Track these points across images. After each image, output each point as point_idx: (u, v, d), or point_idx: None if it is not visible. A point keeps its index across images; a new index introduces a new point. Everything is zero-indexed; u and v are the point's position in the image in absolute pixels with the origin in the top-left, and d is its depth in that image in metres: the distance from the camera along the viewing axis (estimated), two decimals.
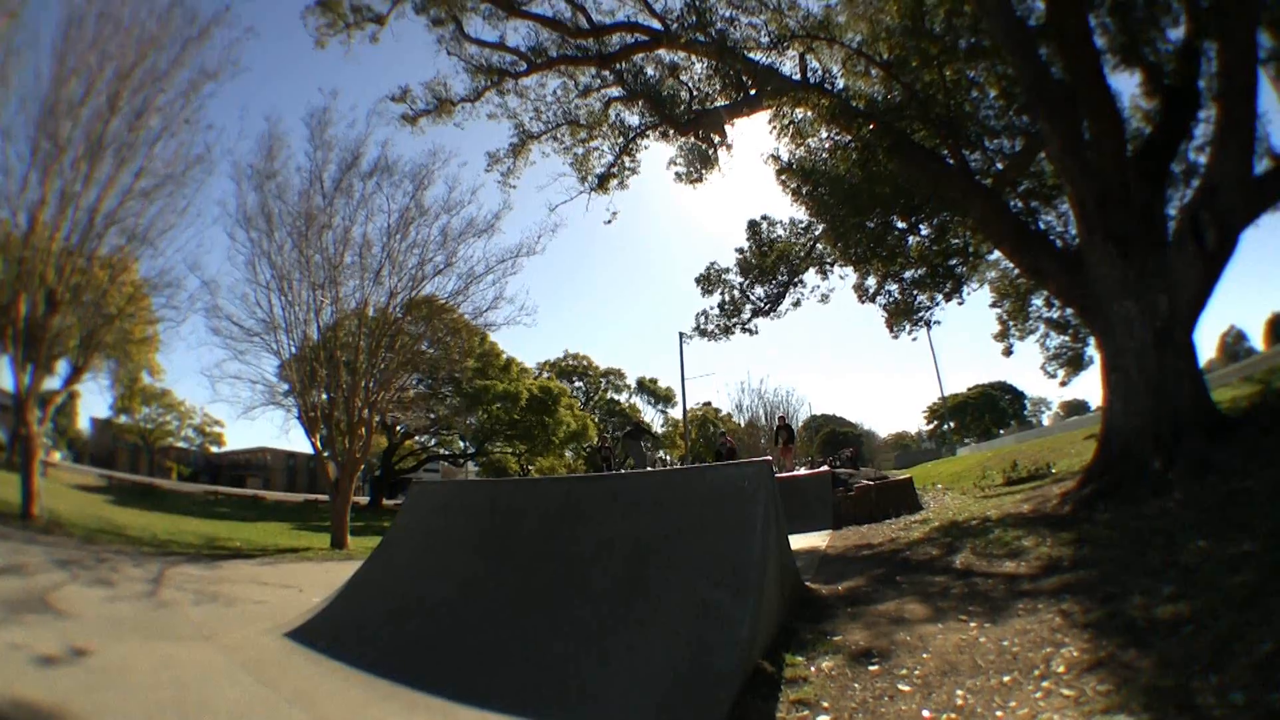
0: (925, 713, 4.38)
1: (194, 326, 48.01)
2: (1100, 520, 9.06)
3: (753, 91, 17.03)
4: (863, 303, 20.74)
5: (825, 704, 4.85)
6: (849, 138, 15.56)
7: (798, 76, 16.36)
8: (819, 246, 20.22)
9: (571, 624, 6.69)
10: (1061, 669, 4.57)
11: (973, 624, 6.00)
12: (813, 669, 5.56)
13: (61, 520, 16.55)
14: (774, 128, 17.37)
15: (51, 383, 18.59)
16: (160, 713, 5.33)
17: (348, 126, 30.36)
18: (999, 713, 4.17)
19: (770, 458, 13.24)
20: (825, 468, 20.19)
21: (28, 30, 17.12)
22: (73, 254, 17.15)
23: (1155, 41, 13.72)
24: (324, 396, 22.37)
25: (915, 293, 19.94)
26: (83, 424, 73.10)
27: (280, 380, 22.87)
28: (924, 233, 18.82)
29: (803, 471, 21.20)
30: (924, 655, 5.41)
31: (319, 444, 22.25)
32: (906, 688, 4.84)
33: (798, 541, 12.15)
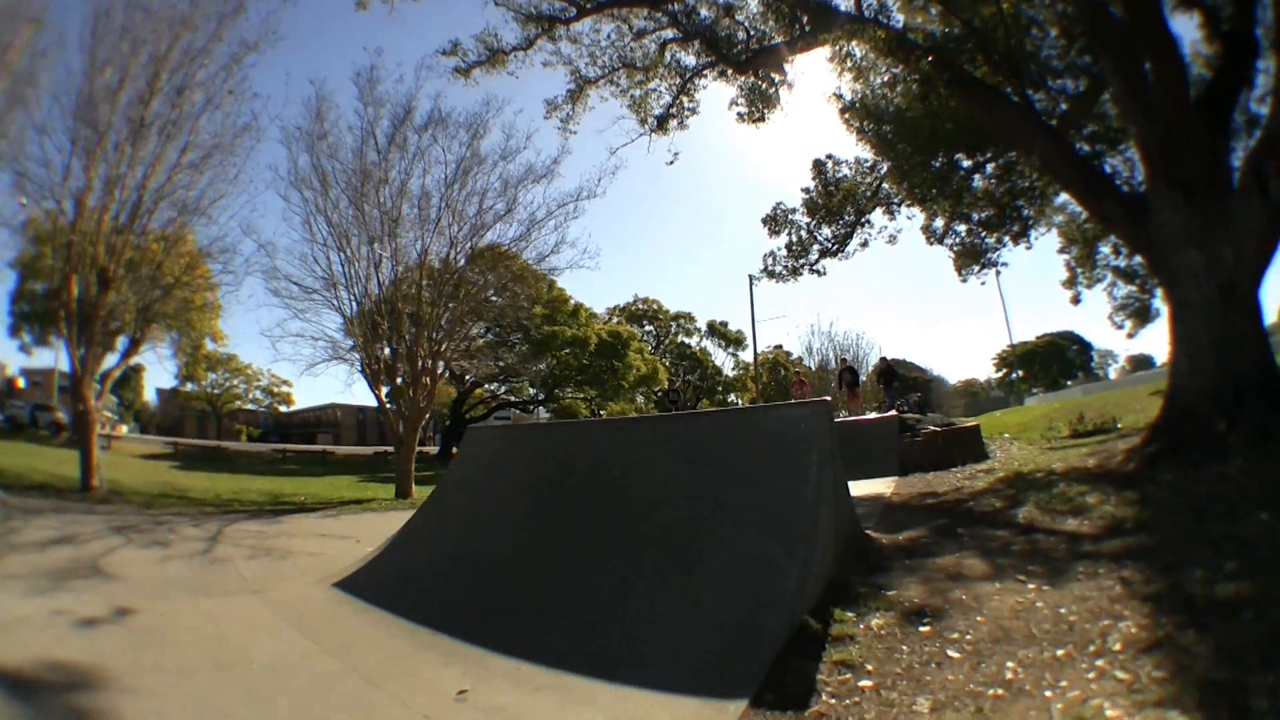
0: (971, 686, 4.12)
1: (252, 290, 49.31)
2: (1163, 481, 8.69)
3: (808, 28, 16.41)
4: (930, 244, 20.74)
5: (869, 667, 4.63)
6: (907, 72, 15.02)
7: (853, 11, 15.75)
8: (885, 186, 20.05)
9: (616, 576, 6.60)
10: (1118, 647, 4.25)
11: (1031, 585, 5.70)
12: (861, 626, 5.34)
13: (122, 489, 17.05)
14: (835, 65, 17.02)
15: (112, 360, 19.25)
16: (197, 667, 5.47)
17: (396, 82, 30.43)
18: (1048, 693, 3.88)
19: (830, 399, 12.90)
20: (893, 413, 19.79)
21: (53, 31, 17.81)
22: (122, 232, 17.60)
23: None
24: (386, 350, 22.63)
25: (982, 234, 19.76)
26: (149, 396, 75.80)
27: (344, 336, 23.05)
28: (989, 171, 18.41)
29: (870, 416, 20.89)
30: (978, 618, 5.15)
31: (383, 397, 22.54)
32: (956, 654, 4.59)
33: (863, 488, 12.14)
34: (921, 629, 5.13)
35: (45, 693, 4.88)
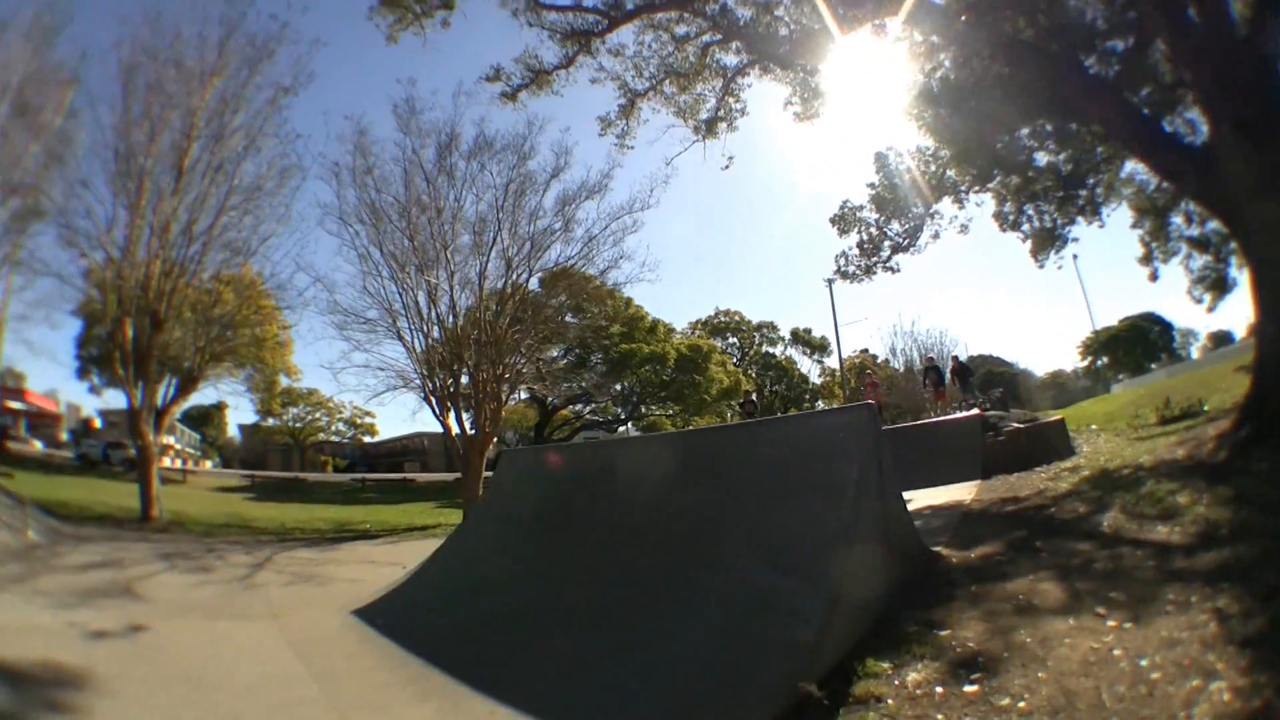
0: None
1: (310, 324, 50.49)
2: (1258, 471, 7.54)
3: (842, 10, 15.52)
4: (1004, 231, 19.70)
5: None
6: (946, 40, 14.13)
7: None
8: (949, 173, 18.93)
9: (611, 614, 6.18)
10: None
11: (1111, 622, 4.55)
12: (895, 683, 4.35)
13: (184, 520, 17.33)
14: (880, 45, 16.33)
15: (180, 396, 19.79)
16: (178, 680, 5.75)
17: (435, 110, 30.63)
18: None
19: (872, 402, 11.89)
20: (975, 411, 18.56)
21: (83, 90, 18.15)
22: (170, 275, 17.88)
23: None
24: (449, 378, 22.41)
25: (1053, 212, 18.72)
26: (233, 432, 78.24)
27: (411, 364, 22.87)
28: (1051, 147, 17.33)
29: (952, 416, 19.72)
30: (1040, 674, 4.04)
31: (450, 423, 22.34)
32: None
33: (942, 495, 11.65)
34: (967, 688, 4.07)
35: (29, 685, 5.22)
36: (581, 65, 19.23)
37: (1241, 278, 10.25)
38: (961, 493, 11.82)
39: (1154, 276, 22.11)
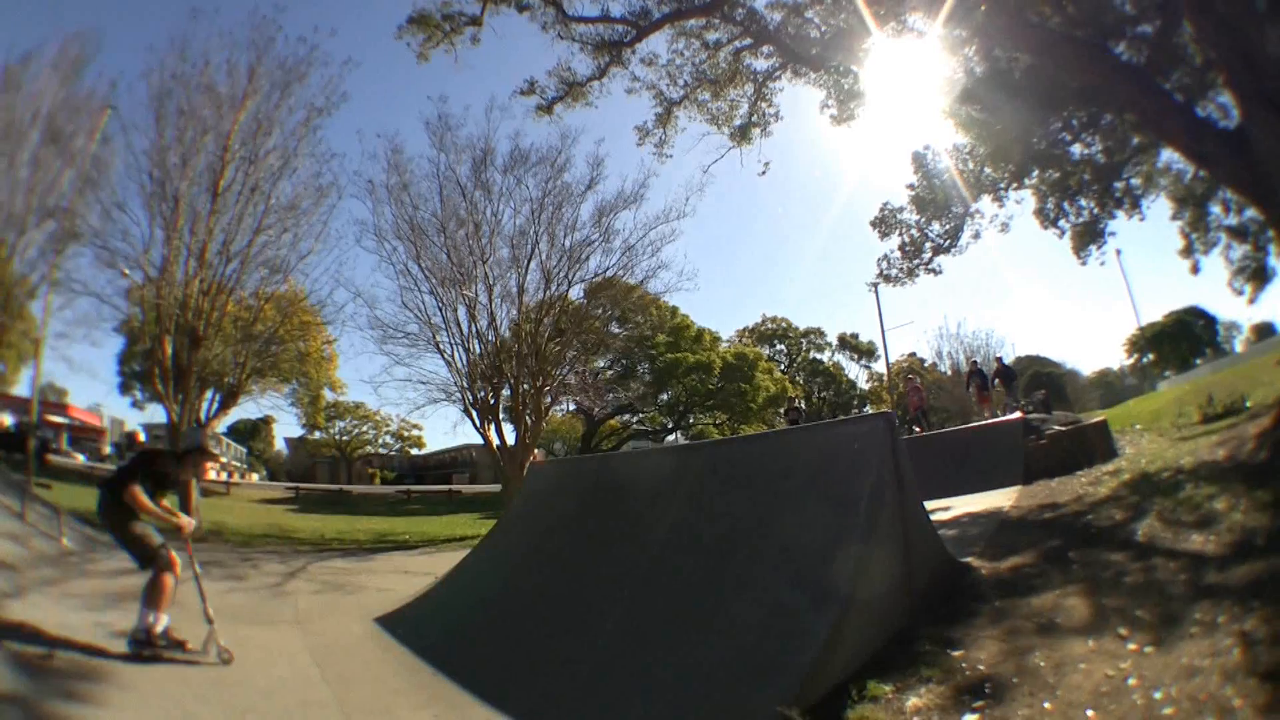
0: None
1: (351, 339, 50.71)
2: None
3: (872, 7, 15.25)
4: (1045, 228, 19.21)
5: None
6: (970, 33, 13.79)
7: None
8: (987, 170, 18.64)
9: (615, 630, 6.07)
10: None
11: (1132, 645, 4.19)
12: (894, 708, 4.08)
13: (224, 530, 17.35)
14: (923, 42, 15.97)
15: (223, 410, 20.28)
16: (198, 680, 5.89)
17: (470, 126, 30.94)
18: None
19: (888, 413, 11.46)
20: (1018, 414, 18.07)
21: (115, 116, 18.42)
22: (208, 294, 18.12)
23: None
24: (490, 391, 22.55)
25: (1093, 207, 18.35)
26: (279, 445, 79.52)
27: (451, 377, 23.00)
28: (1084, 137, 16.90)
29: (993, 420, 19.25)
30: (1046, 704, 3.70)
31: (490, 435, 22.40)
32: None
33: (982, 501, 11.28)
34: (968, 717, 3.76)
35: (53, 676, 5.36)
36: (615, 76, 19.27)
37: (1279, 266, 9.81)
38: (1002, 499, 11.41)
39: (1195, 269, 21.65)
